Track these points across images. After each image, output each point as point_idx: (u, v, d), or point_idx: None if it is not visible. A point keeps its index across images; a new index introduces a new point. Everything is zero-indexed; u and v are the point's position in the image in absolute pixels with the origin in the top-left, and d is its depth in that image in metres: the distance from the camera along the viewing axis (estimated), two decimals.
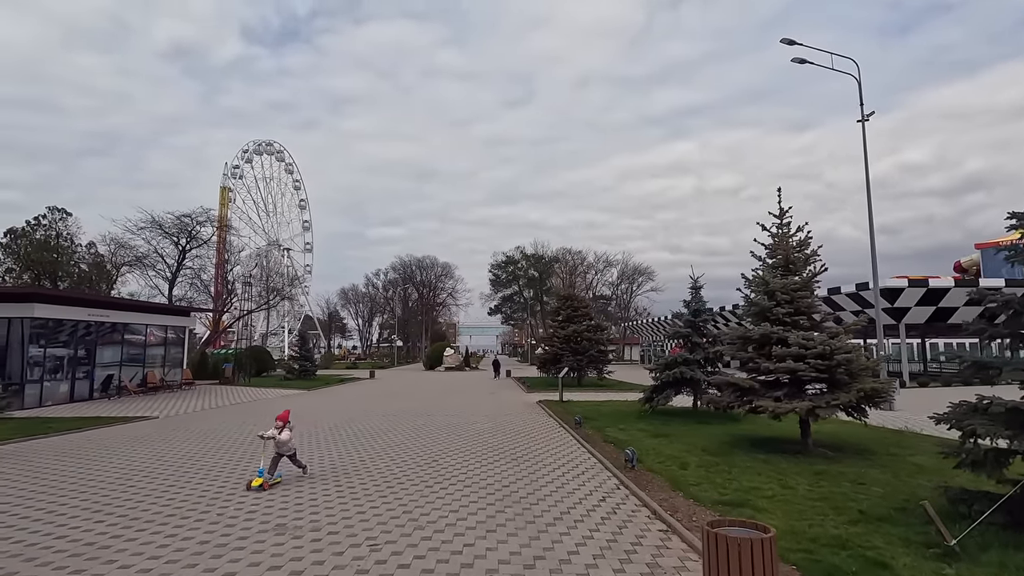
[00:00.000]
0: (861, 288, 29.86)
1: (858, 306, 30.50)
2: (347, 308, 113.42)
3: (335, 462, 10.12)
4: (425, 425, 14.99)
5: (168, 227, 45.84)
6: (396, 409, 19.42)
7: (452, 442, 12.22)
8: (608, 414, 16.56)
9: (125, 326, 24.55)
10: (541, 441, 12.31)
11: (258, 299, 66.85)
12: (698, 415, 15.55)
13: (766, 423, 13.33)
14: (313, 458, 10.43)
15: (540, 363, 33.37)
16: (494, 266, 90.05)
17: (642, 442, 11.54)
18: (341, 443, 12.16)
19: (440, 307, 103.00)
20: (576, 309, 31.97)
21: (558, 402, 20.89)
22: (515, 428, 14.42)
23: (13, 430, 13.62)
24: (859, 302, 30.91)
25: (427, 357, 61.89)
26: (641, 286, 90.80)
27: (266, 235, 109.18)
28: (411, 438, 12.79)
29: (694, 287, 16.22)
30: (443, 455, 10.71)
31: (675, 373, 14.95)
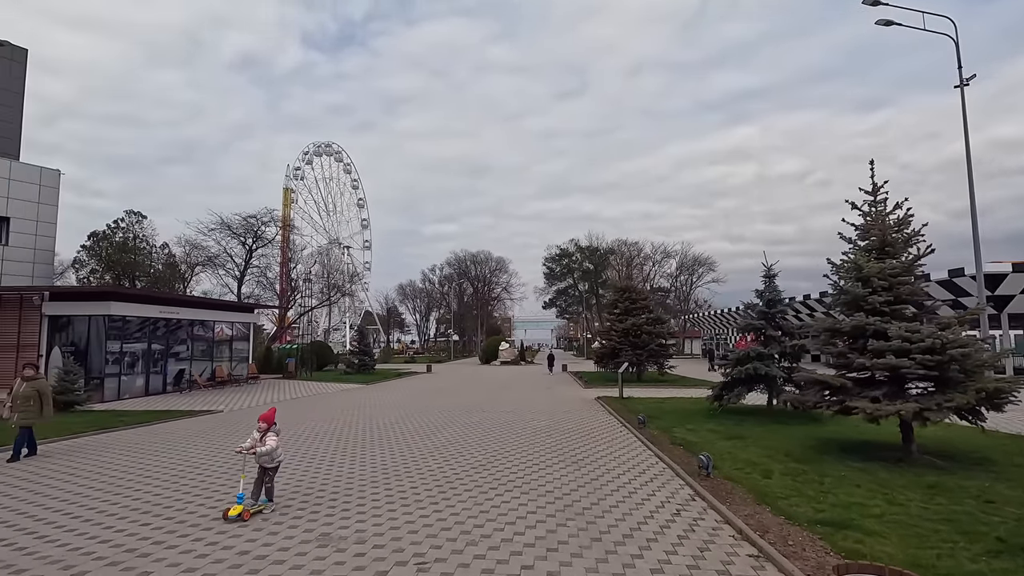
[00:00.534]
0: (955, 275, 27.06)
1: (950, 295, 27.65)
2: (405, 303, 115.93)
3: (386, 462, 9.73)
4: (480, 422, 14.49)
5: (235, 228, 48.11)
6: (451, 404, 19.08)
7: (508, 441, 11.62)
8: (673, 412, 15.52)
9: (194, 322, 25.53)
10: (602, 442, 11.50)
11: (320, 296, 68.96)
12: (774, 415, 14.25)
13: (853, 425, 11.97)
14: (366, 457, 10.09)
15: (597, 358, 32.38)
16: (548, 259, 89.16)
17: (715, 445, 10.52)
18: (395, 440, 11.81)
19: (495, 301, 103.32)
20: (635, 301, 30.72)
21: (618, 399, 19.94)
22: (573, 426, 13.67)
23: (89, 423, 14.15)
24: (951, 290, 28.04)
25: (482, 351, 61.94)
26: (701, 277, 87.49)
27: (327, 234, 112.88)
28: (466, 436, 12.30)
29: (767, 275, 14.86)
30: (498, 456, 10.11)
31: (748, 369, 13.73)
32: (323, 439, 12.07)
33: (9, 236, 28.15)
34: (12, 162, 29.38)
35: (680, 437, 11.38)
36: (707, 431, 12.17)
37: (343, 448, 11.02)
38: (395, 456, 10.22)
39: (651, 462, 9.53)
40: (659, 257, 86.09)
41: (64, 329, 20.95)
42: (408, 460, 9.85)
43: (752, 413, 14.58)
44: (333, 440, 11.97)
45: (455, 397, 21.82)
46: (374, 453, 10.51)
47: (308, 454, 10.43)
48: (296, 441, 11.80)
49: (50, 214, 30.24)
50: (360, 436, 12.44)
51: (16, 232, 28.40)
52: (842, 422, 12.71)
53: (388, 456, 10.23)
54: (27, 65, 34.36)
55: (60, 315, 20.61)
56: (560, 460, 9.68)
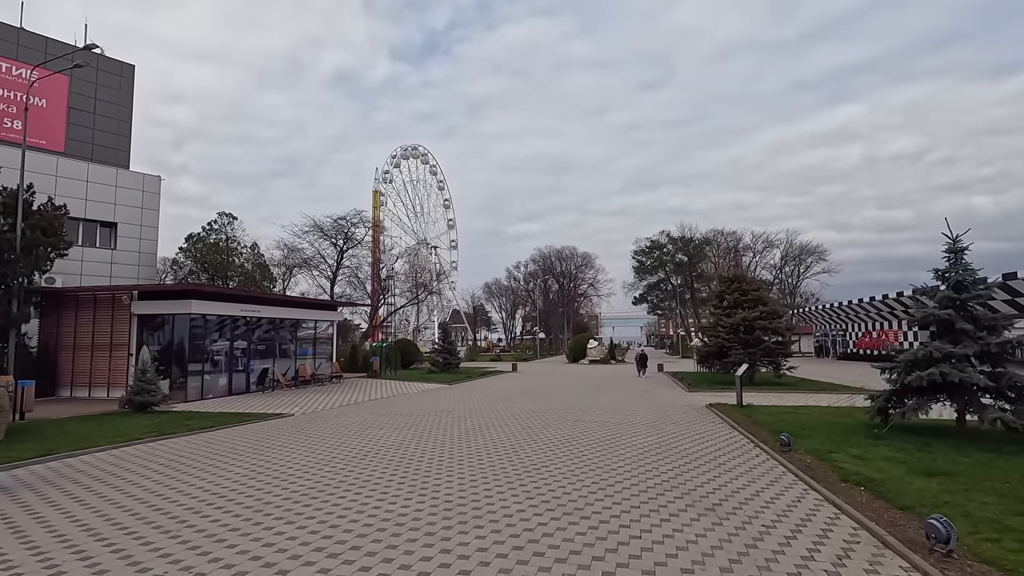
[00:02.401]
0: None
1: None
2: (491, 302, 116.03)
3: (452, 493, 7.55)
4: (571, 436, 12.04)
5: (327, 230, 49.26)
6: (538, 411, 16.79)
7: (608, 468, 9.07)
8: (818, 428, 12.18)
9: (275, 321, 25.22)
10: (737, 472, 8.64)
11: (408, 295, 69.54)
12: (970, 436, 10.56)
13: None
14: (428, 482, 8.00)
15: (700, 357, 28.77)
16: (637, 252, 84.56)
17: (910, 485, 7.36)
18: (467, 460, 9.66)
19: (581, 298, 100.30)
20: (745, 292, 26.78)
21: (736, 407, 16.66)
22: (690, 445, 10.84)
23: (154, 426, 13.35)
24: None
25: (570, 349, 59.30)
26: (810, 268, 79.34)
27: (415, 234, 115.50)
28: (554, 456, 9.90)
29: (952, 249, 11.11)
30: (599, 493, 7.60)
31: (931, 375, 10.17)
32: (382, 455, 10.18)
33: (117, 240, 29.60)
34: (119, 170, 30.97)
35: (850, 470, 8.25)
36: (883, 460, 8.90)
37: (403, 469, 9.02)
38: (463, 484, 8.02)
39: (826, 513, 6.58)
40: (760, 247, 79.06)
41: (156, 328, 21.07)
42: (480, 491, 7.61)
43: (935, 433, 10.94)
44: (395, 458, 10.04)
45: (542, 401, 19.50)
46: (438, 478, 8.40)
47: (349, 480, 8.52)
48: (346, 458, 9.99)
49: (152, 218, 31.57)
50: (428, 452, 10.43)
51: (123, 236, 29.79)
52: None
53: (457, 483, 8.06)
54: (135, 80, 36.33)
55: (148, 314, 20.69)
56: (686, 504, 7.00)
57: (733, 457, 9.70)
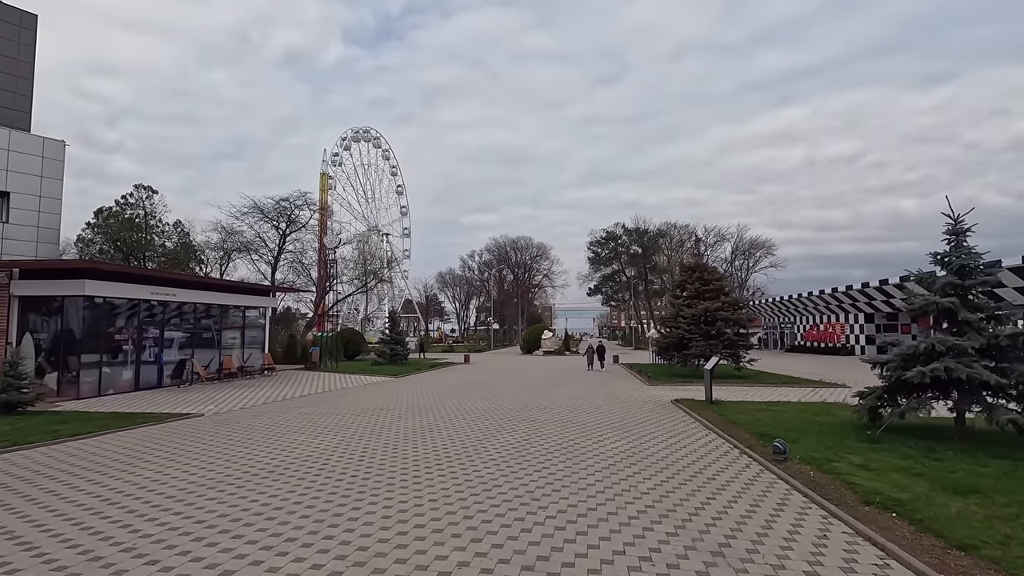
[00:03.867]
0: None
1: None
2: (444, 291, 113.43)
3: (369, 535, 5.62)
4: (528, 441, 10.28)
5: (269, 212, 45.68)
6: (491, 407, 14.99)
7: (575, 487, 7.33)
8: (801, 429, 10.89)
9: (199, 307, 22.33)
10: (735, 493, 7.05)
11: (357, 282, 66.27)
12: (972, 439, 9.45)
13: None
14: (340, 518, 6.02)
15: (660, 348, 27.68)
16: (592, 243, 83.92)
17: (943, 508, 5.97)
18: (400, 477, 7.73)
19: (536, 289, 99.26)
20: (706, 283, 25.84)
21: (705, 403, 15.38)
22: (667, 453, 9.28)
23: (9, 433, 10.69)
24: None
25: (524, 340, 57.86)
26: (759, 262, 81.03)
27: (365, 221, 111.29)
28: (507, 471, 8.09)
29: (954, 231, 9.96)
30: (568, 528, 5.82)
31: (935, 371, 8.96)
32: (291, 473, 8.11)
33: (9, 212, 25.66)
34: (12, 132, 26.87)
35: (866, 487, 6.82)
36: (895, 471, 7.55)
37: (311, 495, 7.00)
38: (387, 523, 6.09)
39: (869, 557, 4.97)
40: (712, 240, 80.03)
41: (46, 313, 17.96)
42: (404, 536, 5.71)
43: (930, 434, 9.77)
44: (305, 477, 7.98)
45: (495, 397, 17.70)
46: (356, 508, 6.44)
47: (230, 516, 6.46)
48: (246, 480, 7.87)
49: (55, 189, 27.49)
50: (352, 467, 8.42)
51: (17, 208, 25.80)
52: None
53: (378, 520, 6.12)
54: (37, 32, 31.91)
55: (33, 296, 17.57)
56: (684, 545, 5.28)
57: (722, 469, 8.16)
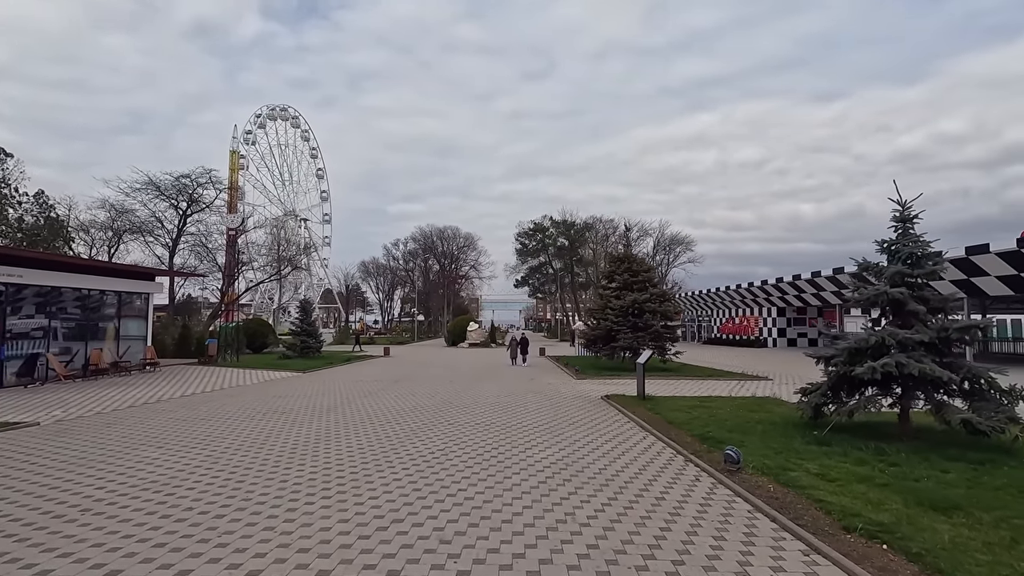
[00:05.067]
0: (974, 252, 22.59)
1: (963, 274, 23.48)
2: (367, 281, 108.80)
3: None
4: (444, 451, 8.69)
5: (166, 189, 40.79)
6: (406, 407, 13.24)
7: (499, 519, 5.84)
8: (741, 429, 10.04)
9: (57, 291, 18.79)
10: (694, 520, 5.82)
11: (269, 269, 61.50)
12: (917, 438, 8.91)
13: None
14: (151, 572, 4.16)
15: (587, 341, 26.92)
16: (520, 234, 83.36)
17: (933, 532, 5.02)
18: (268, 513, 5.90)
19: (463, 280, 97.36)
20: (635, 274, 25.24)
21: (637, 399, 14.43)
22: (605, 464, 7.99)
23: None
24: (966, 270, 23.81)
25: (448, 332, 56.04)
26: (678, 257, 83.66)
27: (282, 204, 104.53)
28: (412, 498, 6.45)
29: (901, 218, 9.39)
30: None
31: (886, 366, 8.28)
32: (117, 509, 6.05)
33: None
34: None
35: (837, 504, 5.81)
36: (859, 482, 6.65)
37: (125, 550, 5.05)
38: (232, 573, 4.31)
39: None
40: (636, 235, 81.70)
41: None
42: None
43: (873, 433, 9.14)
44: (136, 513, 5.96)
45: (412, 395, 15.92)
46: (193, 558, 4.58)
47: None
48: (44, 524, 5.75)
49: None
50: (209, 496, 6.47)
51: None
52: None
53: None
54: None
55: None
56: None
57: (670, 484, 6.96)
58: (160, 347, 28.51)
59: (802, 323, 48.02)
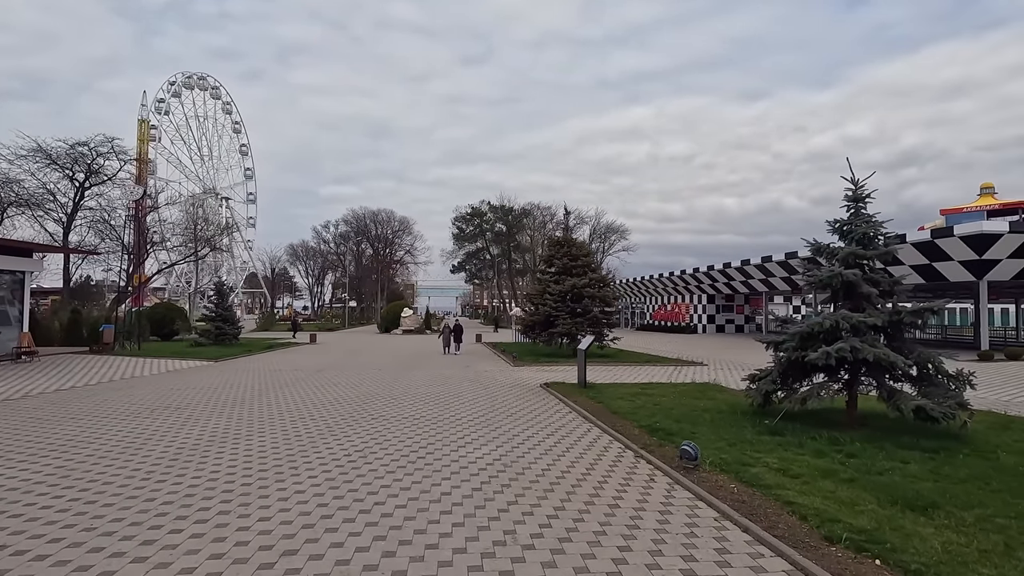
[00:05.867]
0: (939, 235, 23.62)
1: (925, 258, 24.52)
2: (296, 266, 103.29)
3: None
4: (364, 453, 7.46)
5: (60, 157, 36.03)
6: (326, 399, 11.81)
7: (421, 542, 4.73)
8: (688, 418, 9.44)
9: None
10: (650, 529, 4.99)
11: (184, 250, 56.67)
12: (874, 426, 8.59)
13: None
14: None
15: (525, 327, 26.14)
16: (458, 218, 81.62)
17: (923, 541, 4.41)
18: (118, 542, 4.51)
19: (397, 265, 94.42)
20: (575, 258, 24.65)
21: (578, 387, 13.70)
22: (549, 462, 7.06)
23: None
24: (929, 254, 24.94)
25: (381, 318, 53.94)
26: (613, 245, 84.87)
27: (200, 181, 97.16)
28: (320, 517, 5.24)
29: (854, 197, 9.00)
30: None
31: (840, 351, 7.84)
32: None
33: None
34: None
35: (809, 507, 5.13)
36: (825, 478, 6.07)
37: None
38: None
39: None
40: (574, 222, 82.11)
41: None
42: None
43: (820, 421, 8.77)
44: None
45: (335, 385, 14.45)
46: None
47: None
48: None
49: None
50: (36, 525, 4.96)
51: None
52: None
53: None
54: None
55: None
56: None
57: (623, 486, 6.11)
58: (46, 334, 25.12)
59: (730, 310, 49.70)
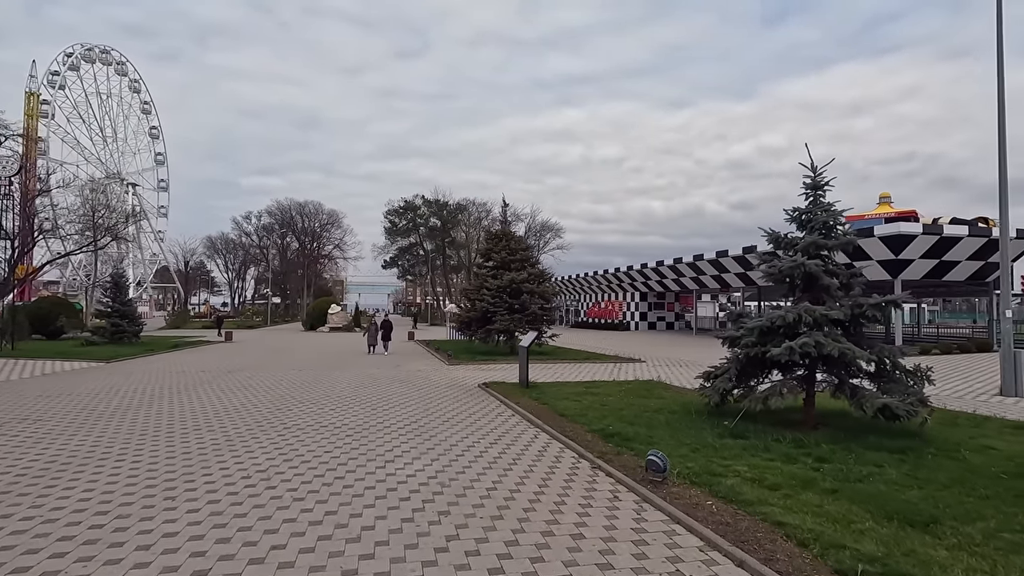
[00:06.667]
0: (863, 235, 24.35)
1: None
2: (214, 259, 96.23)
3: None
4: (267, 473, 6.08)
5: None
6: (231, 405, 10.16)
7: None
8: (646, 422, 8.69)
9: None
10: (625, 566, 4.07)
11: (82, 238, 50.92)
12: (833, 425, 8.16)
13: None
14: None
15: (460, 324, 24.99)
16: (390, 212, 78.84)
17: (933, 563, 3.74)
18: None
19: (325, 260, 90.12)
20: (513, 252, 23.76)
21: (518, 387, 12.75)
22: (494, 481, 6.02)
23: None
24: None
25: (307, 315, 50.91)
26: (548, 243, 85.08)
27: (102, 165, 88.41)
28: (205, 572, 3.94)
29: (812, 185, 8.57)
30: None
31: (804, 347, 7.32)
32: None
33: None
34: None
35: (798, 527, 4.38)
36: (805, 488, 5.42)
37: None
38: None
39: None
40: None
41: None
42: None
43: (781, 420, 8.28)
44: None
45: (243, 389, 12.69)
46: None
47: None
48: None
49: None
50: None
51: None
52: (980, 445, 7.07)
53: None
54: None
55: None
56: None
57: (585, 507, 5.16)
58: None
59: (662, 308, 50.72)
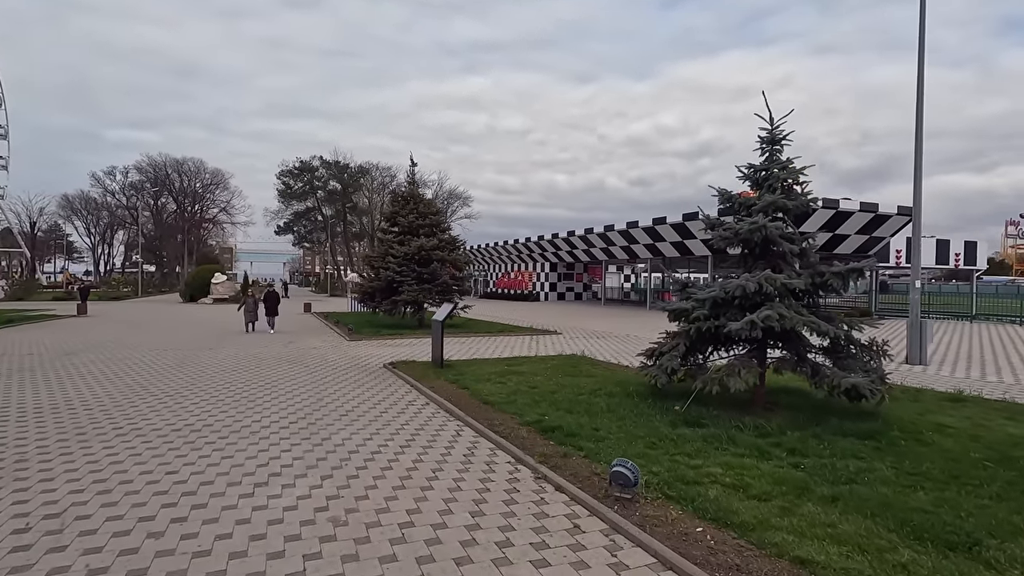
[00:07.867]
0: None
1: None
2: (72, 221, 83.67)
3: None
4: (78, 505, 4.10)
5: None
6: (60, 402, 7.63)
7: None
8: (585, 407, 7.49)
9: None
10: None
11: None
12: (788, 407, 7.43)
13: None
14: None
15: (363, 295, 22.72)
16: (284, 173, 72.32)
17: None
18: None
19: (210, 224, 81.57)
20: (423, 215, 21.76)
21: (432, 366, 11.16)
22: (409, 509, 4.47)
23: None
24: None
25: (186, 285, 45.31)
26: (456, 212, 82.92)
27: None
28: None
29: (769, 139, 7.62)
30: None
31: (767, 320, 6.42)
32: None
33: None
34: None
35: (824, 564, 3.32)
36: (803, 498, 4.42)
37: None
38: None
39: None
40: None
41: None
42: None
43: (730, 403, 7.44)
44: None
45: (79, 377, 9.96)
46: None
47: None
48: None
49: None
50: None
51: None
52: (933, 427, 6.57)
53: None
54: None
55: None
56: None
57: (538, 548, 3.77)
58: None
59: (571, 278, 50.85)
